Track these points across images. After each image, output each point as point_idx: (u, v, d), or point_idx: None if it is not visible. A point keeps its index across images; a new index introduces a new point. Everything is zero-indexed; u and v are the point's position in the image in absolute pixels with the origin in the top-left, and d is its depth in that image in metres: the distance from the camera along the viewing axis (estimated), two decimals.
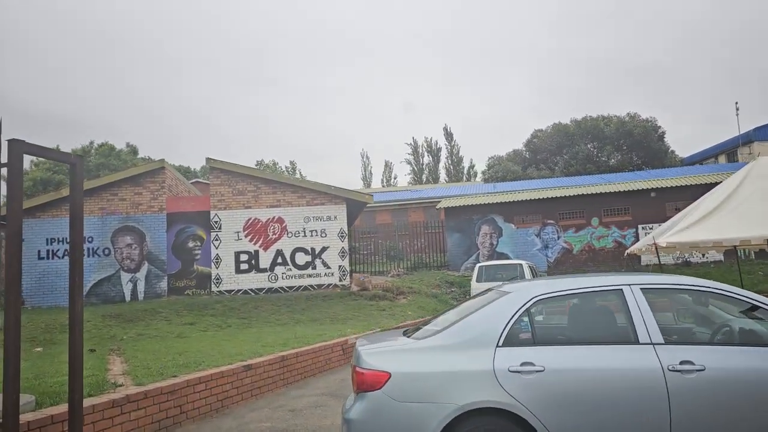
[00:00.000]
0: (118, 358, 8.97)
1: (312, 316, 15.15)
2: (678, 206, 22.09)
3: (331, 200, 18.10)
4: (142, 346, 10.64)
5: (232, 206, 17.89)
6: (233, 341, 10.74)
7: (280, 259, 17.81)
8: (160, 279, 17.47)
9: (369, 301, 16.70)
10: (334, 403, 6.86)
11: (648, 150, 39.84)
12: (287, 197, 18.06)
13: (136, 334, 12.70)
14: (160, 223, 17.66)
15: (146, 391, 5.58)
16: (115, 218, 17.49)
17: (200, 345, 10.13)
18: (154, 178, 17.85)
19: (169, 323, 14.15)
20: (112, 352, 9.87)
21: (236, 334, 12.27)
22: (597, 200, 22.77)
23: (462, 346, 3.62)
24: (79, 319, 4.34)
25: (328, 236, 17.94)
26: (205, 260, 17.65)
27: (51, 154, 4.24)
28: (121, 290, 17.28)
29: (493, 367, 3.49)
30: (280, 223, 17.93)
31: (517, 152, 45.03)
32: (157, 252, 17.55)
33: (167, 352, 9.24)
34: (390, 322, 13.87)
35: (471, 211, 23.79)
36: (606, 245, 22.46)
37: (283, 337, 10.77)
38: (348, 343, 10.23)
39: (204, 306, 15.86)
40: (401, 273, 23.53)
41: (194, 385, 6.23)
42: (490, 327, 3.66)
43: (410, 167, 60.97)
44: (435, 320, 4.58)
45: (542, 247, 22.97)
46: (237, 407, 6.89)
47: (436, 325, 4.14)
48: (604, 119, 42.59)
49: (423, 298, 18.51)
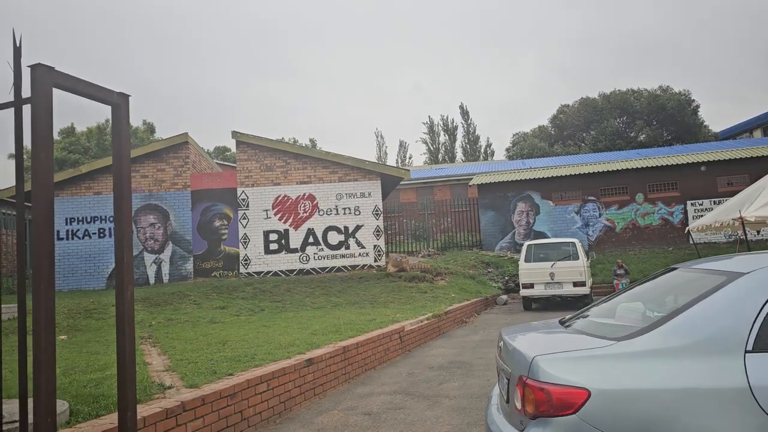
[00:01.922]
0: (153, 348, 7.99)
1: (349, 299, 14.14)
2: (731, 181, 20.75)
3: (364, 176, 16.96)
4: (174, 333, 9.67)
5: (260, 183, 16.82)
6: (274, 327, 9.75)
7: (312, 238, 16.77)
8: (186, 260, 16.51)
9: (407, 282, 15.65)
10: (413, 405, 5.82)
11: (681, 125, 38.17)
12: (318, 173, 16.94)
13: (165, 319, 11.76)
14: (184, 201, 16.65)
15: (203, 396, 4.54)
16: (137, 196, 16.51)
17: (241, 332, 9.14)
18: (177, 154, 16.79)
19: (198, 307, 13.20)
20: (144, 340, 8.90)
21: (273, 319, 11.30)
22: (641, 175, 21.42)
23: (691, 351, 2.50)
24: (130, 312, 3.26)
25: (362, 214, 16.85)
26: (233, 240, 16.65)
27: (88, 89, 3.13)
28: (144, 272, 16.35)
29: (748, 383, 2.37)
30: (311, 200, 16.85)
31: (542, 128, 43.51)
32: (182, 232, 16.57)
33: (206, 341, 8.26)
34: (436, 306, 12.82)
35: (506, 187, 22.54)
36: (652, 222, 21.14)
37: (330, 324, 9.76)
38: (405, 330, 9.17)
39: (233, 288, 14.90)
40: (432, 253, 22.44)
41: (255, 385, 5.19)
42: (730, 323, 2.53)
43: (426, 146, 59.50)
44: (600, 309, 3.45)
45: (582, 225, 21.71)
46: (301, 409, 5.86)
47: (623, 318, 3.02)
48: (634, 93, 40.88)
49: (462, 279, 17.43)
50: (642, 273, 18.58)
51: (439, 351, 9.21)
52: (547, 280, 14.60)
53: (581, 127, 41.14)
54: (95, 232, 16.22)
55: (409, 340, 9.32)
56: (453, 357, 8.53)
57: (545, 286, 14.65)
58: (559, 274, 14.51)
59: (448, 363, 8.06)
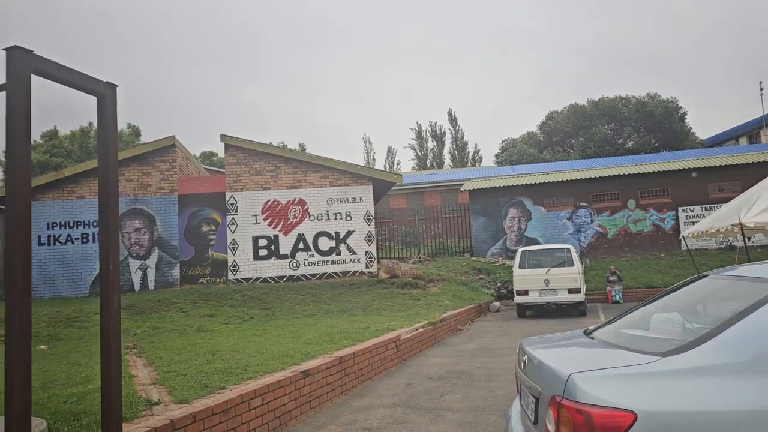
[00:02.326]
0: (138, 359, 7.62)
1: (340, 306, 13.81)
2: (722, 187, 20.76)
3: (356, 180, 16.68)
4: (161, 342, 9.29)
5: (250, 187, 16.46)
6: (265, 336, 9.41)
7: (302, 244, 16.43)
8: (172, 266, 16.08)
9: (400, 289, 15.36)
10: (415, 419, 5.53)
11: (668, 132, 38.36)
12: (309, 177, 16.63)
13: (151, 328, 11.36)
14: (171, 206, 16.24)
15: (194, 413, 4.21)
16: (122, 200, 16.06)
17: (231, 341, 8.79)
18: (164, 157, 16.39)
19: (185, 315, 12.80)
20: (129, 350, 8.52)
21: (264, 328, 10.95)
22: (633, 181, 21.36)
23: (750, 369, 2.24)
24: (116, 326, 2.94)
25: (353, 219, 16.55)
26: (221, 246, 16.26)
27: (72, 77, 2.82)
28: (129, 279, 15.89)
29: None
30: (302, 205, 16.53)
31: (531, 135, 43.54)
32: (168, 237, 16.15)
33: (195, 351, 7.90)
34: (430, 313, 12.54)
35: (497, 193, 22.36)
36: (644, 229, 21.06)
37: (323, 332, 9.45)
38: (401, 339, 8.88)
39: (221, 295, 14.50)
40: (422, 259, 22.17)
41: (249, 400, 4.87)
42: None
43: (414, 152, 59.34)
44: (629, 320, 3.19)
45: (574, 231, 21.59)
46: (297, 424, 5.54)
47: (660, 330, 2.76)
48: (622, 100, 41.05)
49: (454, 286, 17.17)
50: (635, 279, 18.48)
51: (437, 360, 8.93)
52: (541, 286, 14.40)
53: (570, 134, 41.23)
54: (78, 237, 15.75)
55: (405, 348, 9.03)
56: (451, 366, 8.26)
57: (540, 292, 14.44)
58: (554, 281, 14.32)
59: (446, 373, 7.78)
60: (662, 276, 18.42)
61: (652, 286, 17.83)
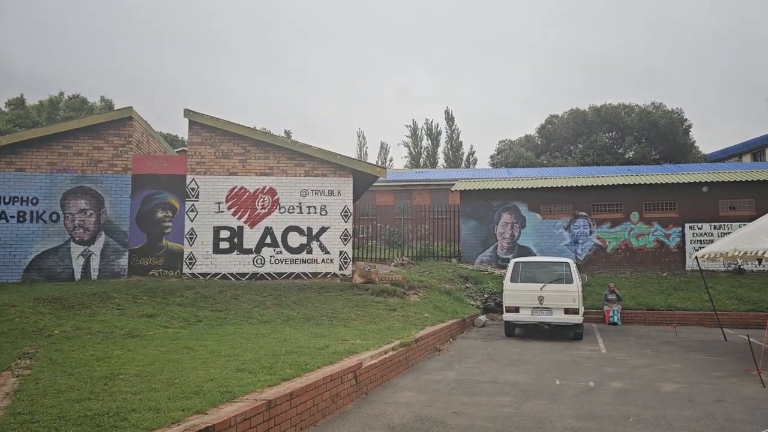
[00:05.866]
0: (14, 379, 5.82)
1: (305, 312, 12.04)
2: (734, 204, 19.16)
3: (335, 171, 14.88)
4: (68, 351, 7.51)
5: (214, 171, 14.63)
6: (198, 351, 7.65)
7: (269, 239, 14.62)
8: (120, 255, 14.22)
9: (375, 296, 13.60)
10: None
11: (672, 143, 36.88)
12: (282, 164, 14.82)
13: (73, 328, 9.54)
14: (123, 186, 14.37)
15: None
16: (68, 176, 14.18)
17: (148, 358, 7.01)
18: (119, 131, 14.50)
19: (121, 314, 10.97)
20: (19, 360, 6.75)
21: (204, 337, 9.19)
22: (638, 192, 19.71)
23: None
24: None
25: (329, 214, 14.77)
26: (177, 235, 14.41)
27: None
28: (70, 266, 14.01)
29: None
30: (272, 195, 14.71)
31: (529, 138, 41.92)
32: (117, 221, 14.28)
33: (90, 371, 6.12)
34: (405, 328, 10.80)
35: (491, 195, 20.64)
36: (646, 244, 19.42)
37: (269, 350, 7.70)
38: (362, 367, 7.12)
39: (171, 291, 12.68)
40: (405, 262, 20.42)
41: None
42: None
43: (408, 150, 57.61)
44: None
45: (571, 242, 19.92)
46: None
47: None
48: (625, 108, 39.55)
49: (437, 295, 15.43)
50: (635, 299, 16.84)
51: (405, 396, 7.17)
52: (535, 304, 12.71)
53: (569, 140, 39.64)
54: (14, 215, 13.84)
55: (368, 379, 7.28)
56: (420, 409, 6.51)
57: (532, 311, 12.75)
58: (550, 299, 12.63)
59: (413, 420, 6.03)
60: (665, 298, 16.79)
61: (654, 308, 16.21)
